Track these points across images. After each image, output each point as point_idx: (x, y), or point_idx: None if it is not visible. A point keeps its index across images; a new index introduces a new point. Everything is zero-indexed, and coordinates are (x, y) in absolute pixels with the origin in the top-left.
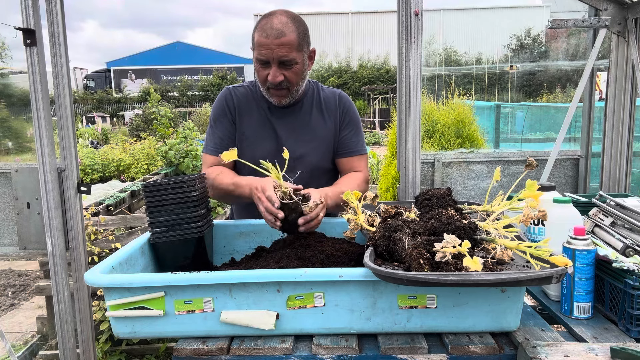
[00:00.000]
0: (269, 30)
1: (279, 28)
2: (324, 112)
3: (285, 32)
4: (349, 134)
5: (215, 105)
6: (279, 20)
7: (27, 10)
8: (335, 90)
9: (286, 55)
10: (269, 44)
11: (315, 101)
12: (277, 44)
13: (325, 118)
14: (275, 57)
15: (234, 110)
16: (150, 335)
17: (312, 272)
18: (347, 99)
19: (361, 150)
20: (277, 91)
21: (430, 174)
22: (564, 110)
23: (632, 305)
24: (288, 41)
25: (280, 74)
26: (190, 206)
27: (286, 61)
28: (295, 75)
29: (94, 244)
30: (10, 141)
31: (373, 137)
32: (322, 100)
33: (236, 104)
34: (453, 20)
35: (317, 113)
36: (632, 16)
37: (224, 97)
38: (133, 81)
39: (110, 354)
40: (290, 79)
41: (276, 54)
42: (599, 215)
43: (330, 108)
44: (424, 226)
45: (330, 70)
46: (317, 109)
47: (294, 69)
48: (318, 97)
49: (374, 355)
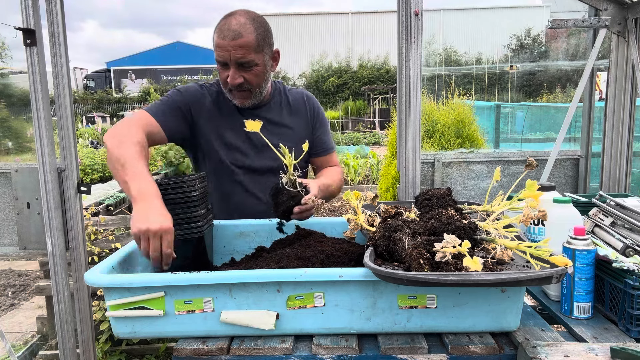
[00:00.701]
0: (226, 32)
1: (236, 29)
2: (293, 112)
3: (242, 33)
4: (322, 134)
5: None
6: (236, 21)
7: (27, 10)
8: (300, 90)
9: (243, 57)
10: (225, 45)
11: (283, 102)
12: (234, 45)
13: (295, 118)
14: (233, 58)
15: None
16: (150, 335)
17: (312, 272)
18: (314, 98)
19: (333, 147)
20: (239, 93)
21: (430, 174)
22: (564, 110)
23: (632, 305)
24: (245, 43)
25: (240, 75)
26: (190, 206)
27: (244, 63)
28: (255, 77)
29: (94, 244)
30: (10, 141)
31: (373, 137)
32: (290, 101)
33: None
34: (453, 20)
35: (286, 113)
36: (632, 16)
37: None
38: (133, 81)
39: (110, 354)
40: (250, 81)
41: (233, 55)
42: (599, 215)
43: (299, 108)
44: (424, 226)
45: (330, 70)
46: (286, 110)
47: (254, 71)
48: (286, 97)
49: (374, 355)
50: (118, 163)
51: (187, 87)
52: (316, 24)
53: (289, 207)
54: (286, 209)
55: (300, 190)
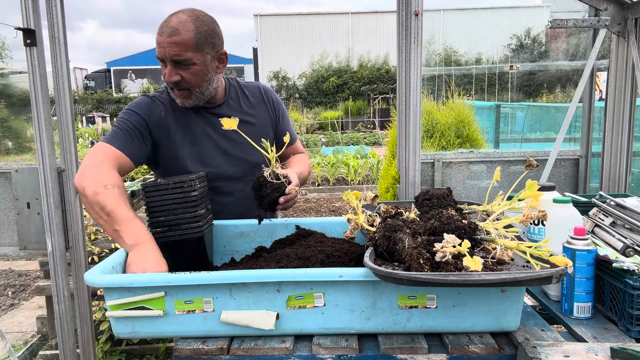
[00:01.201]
0: (165, 28)
1: (174, 26)
2: (253, 107)
3: (179, 30)
4: (284, 124)
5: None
6: (177, 18)
7: (27, 10)
8: (256, 83)
9: (179, 55)
10: (162, 42)
11: (241, 97)
12: (169, 42)
13: (257, 114)
14: (168, 55)
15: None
16: (150, 335)
17: (312, 272)
18: (271, 90)
19: (296, 136)
20: (179, 91)
21: (430, 174)
22: (564, 110)
23: (632, 305)
24: (181, 40)
25: (176, 73)
26: (190, 206)
27: (180, 61)
28: (193, 77)
29: (94, 244)
30: (10, 141)
31: (373, 137)
32: (249, 96)
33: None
34: (453, 20)
35: (246, 109)
36: (632, 16)
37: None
38: (133, 81)
39: (110, 354)
40: (188, 80)
41: (168, 52)
42: (599, 215)
43: (259, 102)
44: (424, 226)
45: (330, 70)
46: (245, 105)
47: (192, 70)
48: (243, 92)
49: (374, 355)
50: (103, 212)
51: (137, 103)
52: (316, 24)
53: (274, 199)
54: (271, 201)
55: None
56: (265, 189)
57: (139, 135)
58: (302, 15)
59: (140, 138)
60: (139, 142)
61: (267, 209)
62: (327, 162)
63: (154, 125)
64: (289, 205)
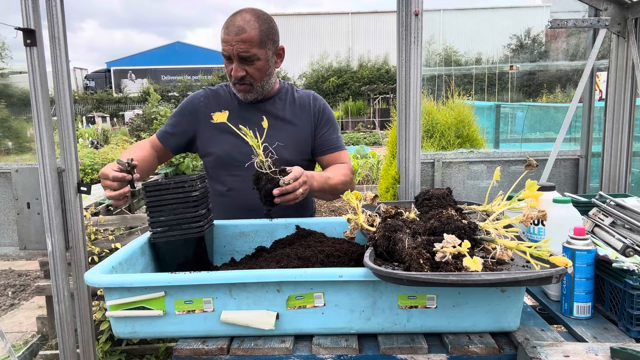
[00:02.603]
0: (231, 27)
1: (240, 25)
2: (297, 110)
3: (245, 29)
4: (327, 131)
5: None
6: (242, 17)
7: (27, 10)
8: (309, 91)
9: (246, 51)
10: (229, 40)
11: (289, 100)
12: (237, 40)
13: (299, 115)
14: (235, 52)
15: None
16: (150, 335)
17: (312, 272)
18: (320, 99)
19: (342, 146)
20: (241, 86)
21: (430, 174)
22: (564, 110)
23: (632, 305)
24: (248, 37)
25: (242, 69)
26: (191, 206)
27: (247, 57)
28: (257, 72)
29: (94, 244)
30: (10, 141)
31: (373, 137)
32: (296, 99)
33: (205, 105)
34: (453, 20)
35: (290, 110)
36: (632, 16)
37: (198, 98)
38: (133, 81)
39: (110, 354)
40: (252, 75)
41: (236, 49)
42: (599, 215)
43: (304, 107)
44: (424, 226)
45: (330, 70)
46: (290, 106)
47: (256, 65)
48: (292, 96)
49: (374, 355)
50: None
51: (191, 96)
52: (316, 24)
53: (268, 191)
54: (266, 193)
55: (275, 172)
56: (261, 182)
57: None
58: (302, 15)
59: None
60: (177, 136)
61: (266, 203)
62: None
63: (195, 118)
64: (289, 199)
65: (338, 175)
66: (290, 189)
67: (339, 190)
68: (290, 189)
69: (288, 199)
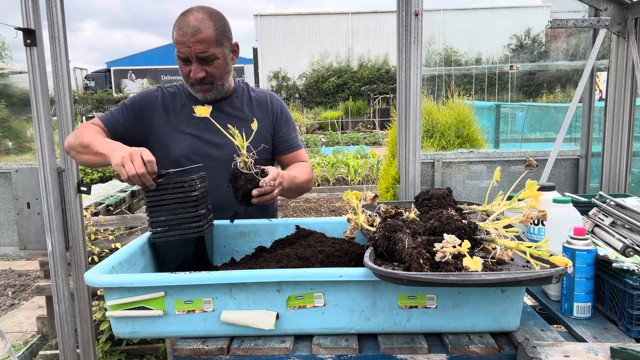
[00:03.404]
0: (185, 28)
1: (195, 25)
2: (254, 108)
3: (201, 29)
4: (287, 131)
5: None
6: (194, 17)
7: (27, 10)
8: (265, 90)
9: (204, 52)
10: (185, 41)
11: (246, 99)
12: (194, 41)
13: (257, 115)
14: (194, 53)
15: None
16: (150, 335)
17: (312, 272)
18: (277, 98)
19: (300, 145)
20: (201, 86)
21: (430, 174)
22: (564, 110)
23: (632, 305)
24: (204, 38)
25: (202, 69)
26: (191, 206)
27: (205, 57)
28: (217, 70)
29: (94, 244)
30: (10, 141)
31: (373, 137)
32: (253, 98)
33: (160, 103)
34: (453, 20)
35: (248, 108)
36: (632, 16)
37: (154, 95)
38: (133, 81)
39: (110, 354)
40: (212, 74)
41: (194, 50)
42: (599, 215)
43: (261, 105)
44: (424, 226)
45: (330, 70)
46: (247, 105)
47: (215, 64)
48: (249, 95)
49: (374, 355)
50: (82, 147)
51: (143, 91)
52: (316, 24)
53: (247, 191)
54: (245, 193)
55: (257, 173)
56: (239, 181)
57: (127, 115)
58: (302, 15)
59: (128, 117)
60: (124, 122)
61: (242, 202)
62: (327, 162)
63: (148, 112)
64: (266, 199)
65: (303, 174)
66: (269, 189)
67: (304, 189)
68: (269, 190)
69: (265, 199)
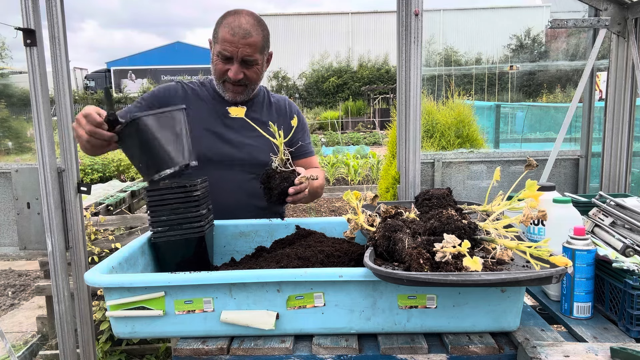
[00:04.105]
0: (237, 29)
1: (247, 28)
2: (274, 113)
3: (252, 33)
4: (301, 137)
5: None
6: (246, 20)
7: (27, 10)
8: (284, 96)
9: (250, 55)
10: (235, 42)
11: (266, 104)
12: (244, 43)
13: (276, 120)
14: (240, 55)
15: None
16: (150, 335)
17: (312, 272)
18: (295, 105)
19: (313, 152)
20: (235, 87)
21: (430, 174)
22: (564, 110)
23: (632, 305)
24: (254, 42)
25: (241, 71)
26: (192, 206)
27: (249, 61)
28: (254, 75)
29: (94, 244)
30: (10, 141)
31: (373, 137)
32: (273, 103)
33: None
34: (453, 20)
35: (267, 113)
36: (632, 16)
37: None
38: (133, 81)
39: (110, 354)
40: (250, 78)
41: (241, 52)
42: (599, 215)
43: (280, 110)
44: (424, 226)
45: (330, 70)
46: (267, 109)
47: (254, 69)
48: (268, 99)
49: (374, 355)
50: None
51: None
52: (316, 24)
53: (284, 189)
54: (281, 192)
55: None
56: (273, 180)
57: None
58: (302, 15)
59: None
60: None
61: (277, 202)
62: (327, 162)
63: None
64: (299, 197)
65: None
66: (304, 187)
67: (318, 194)
68: (303, 188)
69: (299, 197)
